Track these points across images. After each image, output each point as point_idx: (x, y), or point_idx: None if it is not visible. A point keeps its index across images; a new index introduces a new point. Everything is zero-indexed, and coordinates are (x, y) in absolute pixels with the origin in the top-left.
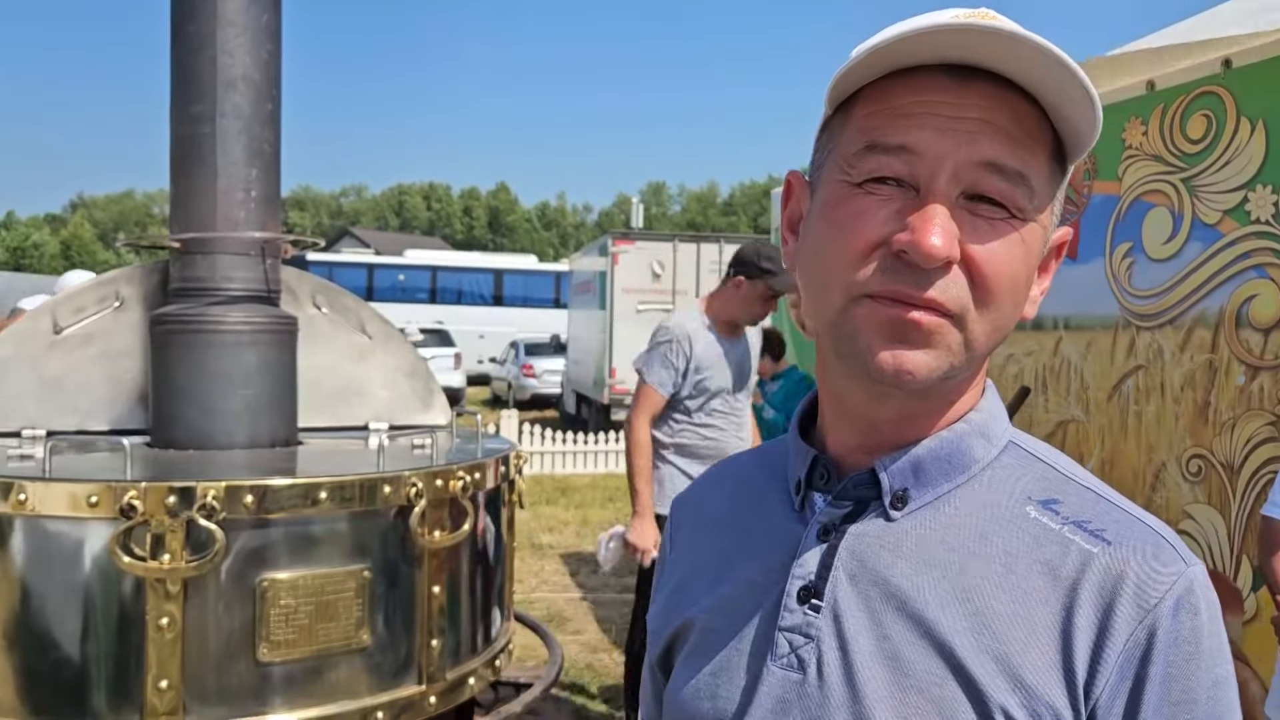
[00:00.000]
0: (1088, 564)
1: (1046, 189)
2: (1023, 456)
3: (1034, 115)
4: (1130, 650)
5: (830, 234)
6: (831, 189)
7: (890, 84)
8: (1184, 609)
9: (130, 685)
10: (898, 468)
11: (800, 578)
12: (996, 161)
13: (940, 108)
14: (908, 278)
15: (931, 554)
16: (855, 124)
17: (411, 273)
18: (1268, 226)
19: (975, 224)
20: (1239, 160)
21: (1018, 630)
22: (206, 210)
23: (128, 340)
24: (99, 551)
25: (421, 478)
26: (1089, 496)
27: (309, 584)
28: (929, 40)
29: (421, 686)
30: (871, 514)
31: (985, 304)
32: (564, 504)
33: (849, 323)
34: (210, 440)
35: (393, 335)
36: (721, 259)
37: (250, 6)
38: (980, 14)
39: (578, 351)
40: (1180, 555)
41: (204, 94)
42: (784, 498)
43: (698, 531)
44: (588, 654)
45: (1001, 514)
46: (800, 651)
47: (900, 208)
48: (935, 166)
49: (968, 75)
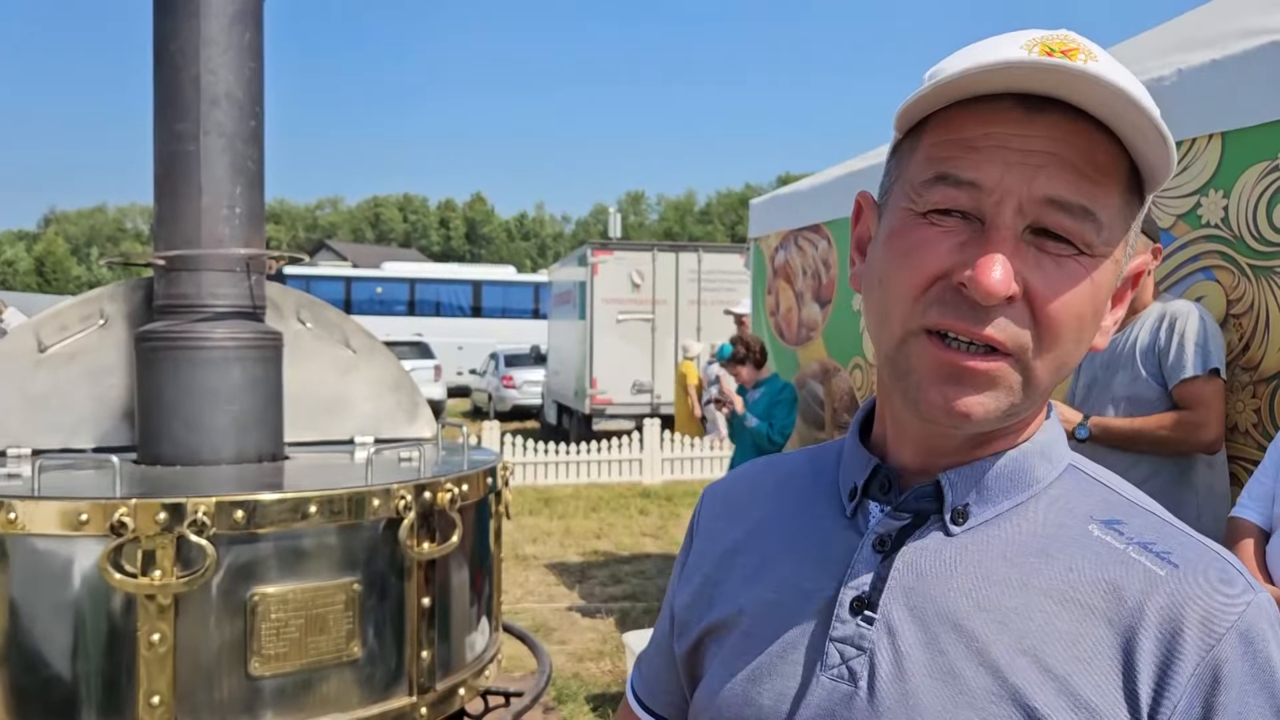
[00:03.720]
0: (1154, 586)
1: (1118, 222)
2: (1083, 479)
3: (1108, 146)
4: (1201, 675)
5: (893, 263)
6: (898, 216)
7: (959, 113)
8: (1256, 637)
9: (122, 701)
10: (962, 482)
11: (854, 588)
12: (1060, 198)
13: (1008, 140)
14: (966, 313)
15: (991, 570)
16: (923, 152)
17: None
18: (1217, 230)
19: (1041, 260)
20: (1195, 167)
21: (1079, 650)
22: (191, 227)
23: (112, 358)
24: (89, 569)
25: (410, 490)
26: (1153, 520)
27: (299, 597)
28: (1000, 74)
29: (412, 698)
30: (931, 528)
31: (1047, 342)
32: (547, 515)
33: (904, 359)
34: (197, 456)
35: (377, 349)
36: (700, 268)
37: (233, 25)
38: (1058, 38)
39: (558, 362)
40: (1249, 583)
41: (188, 112)
42: (834, 503)
43: (732, 524)
44: (574, 663)
45: (1064, 533)
46: (852, 663)
47: (964, 240)
48: (1000, 201)
49: (1039, 105)
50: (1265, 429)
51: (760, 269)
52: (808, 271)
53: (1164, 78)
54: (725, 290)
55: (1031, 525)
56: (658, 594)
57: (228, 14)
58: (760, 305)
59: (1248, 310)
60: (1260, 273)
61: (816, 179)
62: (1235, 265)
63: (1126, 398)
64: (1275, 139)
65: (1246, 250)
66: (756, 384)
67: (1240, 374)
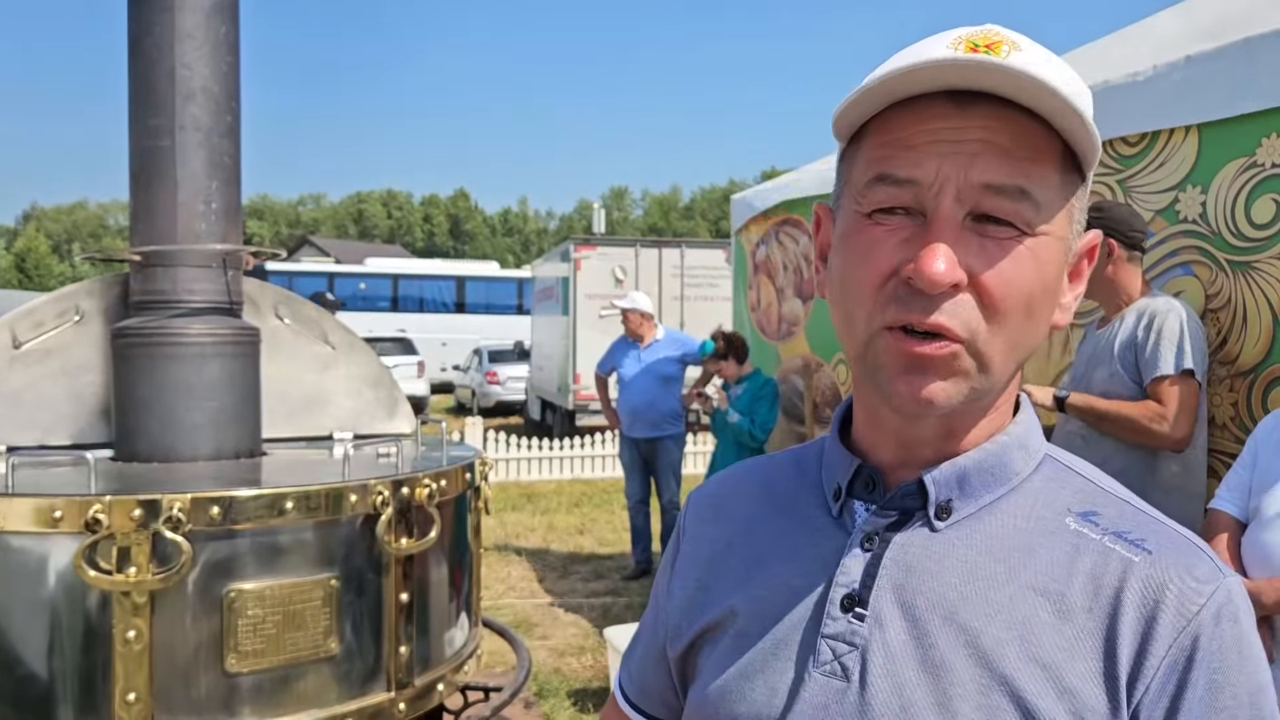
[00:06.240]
0: (1129, 572)
1: (1057, 200)
2: (1060, 469)
3: (1039, 130)
4: (1174, 657)
5: (848, 266)
6: (847, 220)
7: (896, 115)
8: (1225, 617)
9: (98, 699)
10: (944, 478)
11: (844, 585)
12: (995, 183)
13: (942, 133)
14: (915, 305)
15: (977, 565)
16: (864, 155)
17: (373, 281)
18: (1194, 225)
19: (984, 245)
20: (1172, 162)
21: (1062, 639)
22: (167, 223)
23: (88, 354)
24: (64, 566)
25: (387, 486)
26: (1126, 509)
27: (276, 594)
28: (926, 73)
29: (390, 693)
30: (916, 524)
31: (997, 323)
32: (530, 510)
33: (873, 357)
34: (174, 453)
35: (356, 345)
36: (683, 264)
37: (209, 19)
38: (981, 33)
39: (541, 358)
40: (1218, 566)
41: (163, 107)
42: (819, 502)
43: (719, 527)
44: (555, 659)
45: (1043, 525)
46: (844, 659)
47: (908, 236)
48: (939, 192)
49: (970, 99)
50: (1243, 422)
51: (741, 264)
52: (789, 266)
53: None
54: (708, 286)
55: (1013, 519)
56: (640, 590)
57: (204, 8)
58: (741, 301)
59: (1225, 305)
60: (1238, 268)
61: (797, 173)
62: (1213, 261)
63: (1103, 394)
64: (1252, 135)
65: (1224, 246)
66: (739, 379)
67: (1218, 368)
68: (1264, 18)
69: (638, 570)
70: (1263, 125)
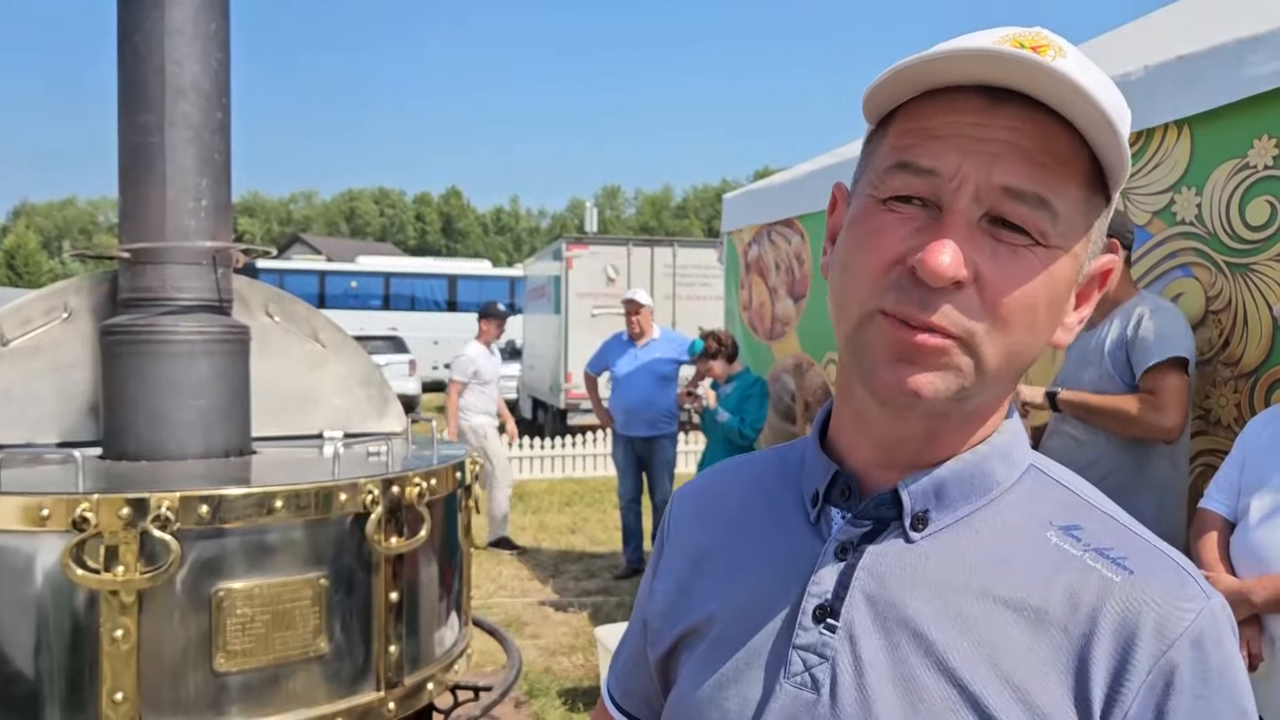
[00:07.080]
0: (1109, 592)
1: (1078, 216)
2: (1044, 481)
3: (1068, 140)
4: (1153, 682)
5: (854, 248)
6: (861, 204)
7: (925, 103)
8: (1208, 641)
9: (85, 699)
10: (920, 489)
11: (816, 596)
12: (1016, 187)
13: (968, 128)
14: (915, 298)
15: (950, 578)
16: (889, 141)
17: (364, 279)
18: (1191, 227)
19: (996, 248)
20: (1166, 164)
21: (1035, 658)
22: (156, 220)
23: (77, 352)
24: (51, 565)
25: (377, 485)
26: (1111, 524)
27: (265, 593)
28: (961, 63)
29: (380, 693)
30: (891, 534)
31: (997, 327)
32: (521, 509)
33: (862, 339)
34: (163, 451)
35: (346, 343)
36: (675, 262)
37: (199, 15)
38: (1030, 34)
39: (533, 357)
40: (1201, 588)
41: (152, 103)
42: (799, 507)
43: (703, 528)
44: (546, 658)
45: (1022, 538)
46: (814, 671)
47: (920, 226)
48: (958, 188)
49: (1001, 97)
50: (1245, 423)
51: (733, 263)
52: (781, 266)
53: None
54: (700, 285)
55: (991, 531)
56: (631, 589)
57: (193, 3)
58: (733, 300)
59: (1226, 307)
60: (1236, 269)
61: (790, 173)
62: (1211, 263)
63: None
64: (1243, 136)
65: (1221, 248)
66: (729, 378)
67: (1221, 369)
68: (1255, 16)
69: (629, 569)
70: (1253, 126)
